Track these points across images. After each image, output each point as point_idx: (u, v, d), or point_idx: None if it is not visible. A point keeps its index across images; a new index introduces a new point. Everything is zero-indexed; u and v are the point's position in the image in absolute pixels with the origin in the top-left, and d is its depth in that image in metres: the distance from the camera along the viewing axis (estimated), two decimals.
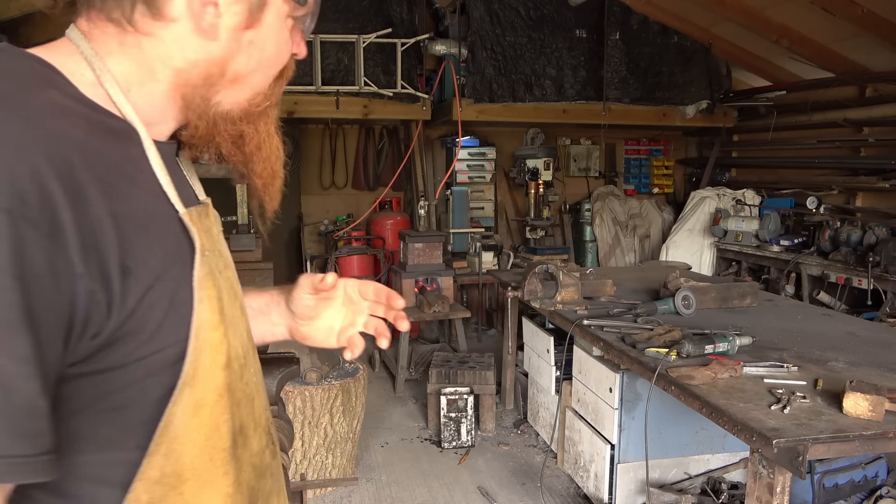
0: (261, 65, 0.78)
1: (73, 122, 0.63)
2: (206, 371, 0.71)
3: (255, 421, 0.81)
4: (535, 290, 3.31)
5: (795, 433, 1.68)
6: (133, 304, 0.63)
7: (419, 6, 5.91)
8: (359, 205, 6.62)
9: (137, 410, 0.67)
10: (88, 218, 0.59)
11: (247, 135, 0.80)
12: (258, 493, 0.81)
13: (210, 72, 0.73)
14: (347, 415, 3.18)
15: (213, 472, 0.72)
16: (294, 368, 1.35)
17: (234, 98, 0.77)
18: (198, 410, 0.70)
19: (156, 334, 0.66)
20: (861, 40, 4.88)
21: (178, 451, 0.68)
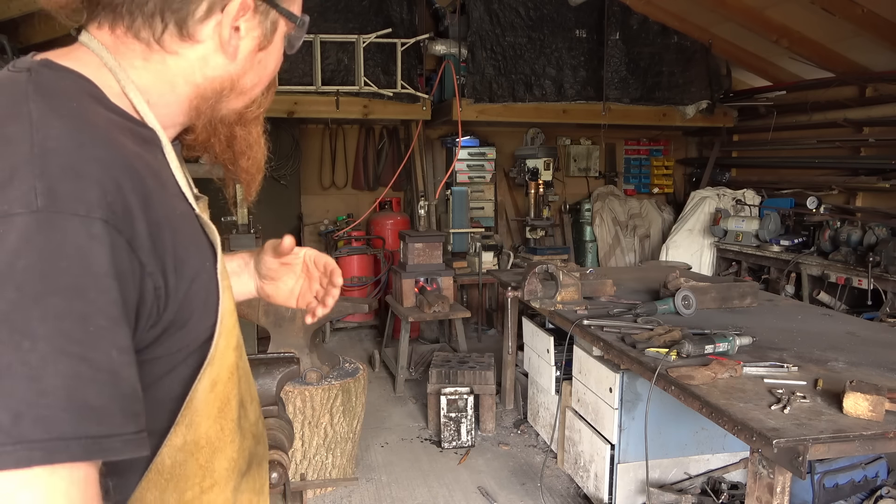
0: (262, 79, 0.87)
1: (126, 136, 0.70)
2: (223, 352, 0.79)
3: (251, 394, 0.91)
4: (535, 290, 3.31)
5: (795, 433, 1.68)
6: (181, 296, 0.72)
7: (419, 6, 5.91)
8: (359, 205, 6.62)
9: (169, 389, 0.76)
10: (153, 223, 0.67)
11: (239, 136, 0.89)
12: (254, 457, 0.92)
13: (223, 86, 0.81)
14: (347, 415, 3.18)
15: (223, 440, 0.82)
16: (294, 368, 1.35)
17: (233, 106, 0.85)
18: (213, 386, 0.79)
19: (196, 323, 0.75)
20: (861, 40, 4.88)
21: (197, 422, 0.77)
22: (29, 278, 0.57)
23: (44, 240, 0.58)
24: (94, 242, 0.60)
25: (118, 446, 0.61)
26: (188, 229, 0.75)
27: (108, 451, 0.60)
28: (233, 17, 0.76)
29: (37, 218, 0.59)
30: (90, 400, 0.59)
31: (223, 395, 0.81)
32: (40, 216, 0.59)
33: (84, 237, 0.60)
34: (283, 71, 5.41)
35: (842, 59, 5.29)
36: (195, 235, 0.77)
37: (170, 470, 0.76)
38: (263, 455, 0.97)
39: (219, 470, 0.82)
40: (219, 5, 0.75)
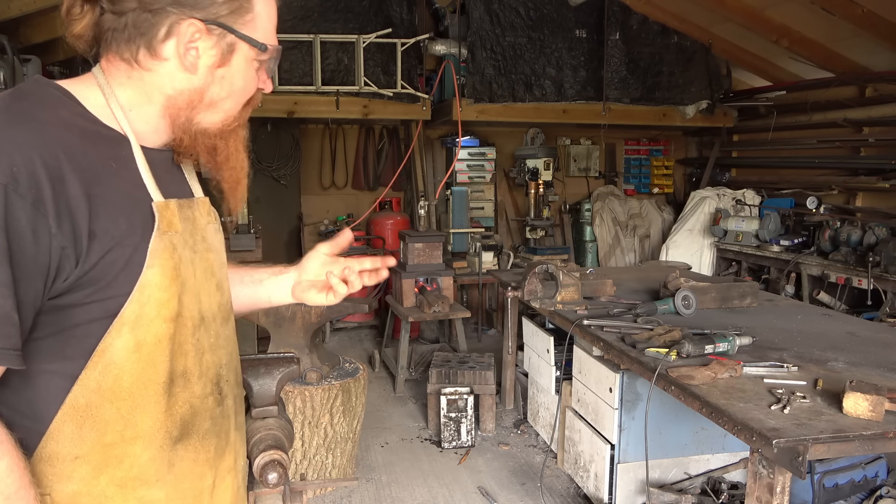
0: (231, 94, 1.03)
1: (68, 131, 0.90)
2: (150, 320, 0.94)
3: (201, 370, 1.03)
4: (535, 290, 3.31)
5: (795, 433, 1.68)
6: (95, 259, 0.88)
7: (419, 6, 5.91)
8: (359, 205, 6.62)
9: (90, 341, 0.91)
10: (67, 195, 0.85)
11: (219, 148, 1.06)
12: (192, 428, 1.03)
13: (192, 98, 1.00)
14: (347, 415, 3.18)
15: (147, 398, 0.96)
16: (294, 368, 1.35)
17: (211, 119, 1.03)
18: (138, 348, 0.94)
19: (111, 284, 0.90)
20: (861, 40, 4.88)
21: (115, 373, 0.92)
22: None
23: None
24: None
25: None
26: (125, 208, 0.92)
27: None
28: (187, 37, 0.95)
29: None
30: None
31: (148, 358, 0.95)
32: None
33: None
34: (284, 71, 5.41)
35: (842, 59, 5.29)
36: (133, 215, 0.93)
37: (85, 409, 0.92)
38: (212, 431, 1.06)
39: (141, 425, 0.96)
40: (175, 28, 0.94)
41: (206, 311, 1.05)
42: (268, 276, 1.33)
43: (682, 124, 6.42)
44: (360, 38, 5.44)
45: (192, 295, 1.00)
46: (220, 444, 1.09)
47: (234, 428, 1.14)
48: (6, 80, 3.46)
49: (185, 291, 0.98)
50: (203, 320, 1.03)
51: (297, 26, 5.45)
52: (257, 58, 1.03)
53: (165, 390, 0.97)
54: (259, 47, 1.02)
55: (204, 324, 1.04)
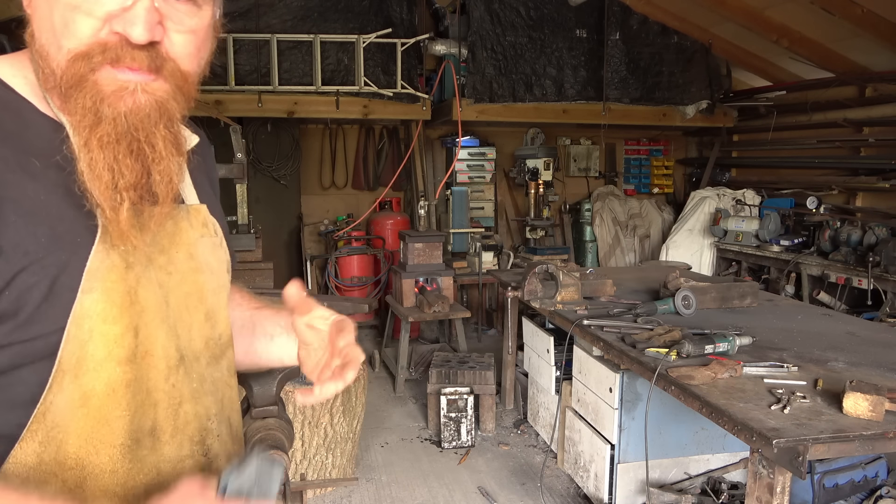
0: (51, 29, 0.75)
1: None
2: (97, 363, 0.71)
3: (175, 426, 0.79)
4: (535, 290, 3.31)
5: (795, 433, 1.68)
6: (1, 284, 0.66)
7: (419, 6, 5.91)
8: (359, 205, 6.62)
9: (25, 389, 0.69)
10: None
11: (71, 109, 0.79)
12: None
13: (29, 43, 0.79)
14: (347, 415, 3.18)
15: (99, 467, 0.73)
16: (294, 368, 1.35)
17: (55, 63, 0.76)
18: (85, 401, 0.71)
19: (34, 318, 0.68)
20: (861, 40, 4.88)
21: (59, 439, 0.70)
22: None
23: None
24: None
25: None
26: (49, 218, 0.70)
27: None
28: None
29: None
30: None
31: (98, 413, 0.72)
32: None
33: None
34: (284, 71, 5.41)
35: (842, 59, 5.29)
36: (61, 226, 0.71)
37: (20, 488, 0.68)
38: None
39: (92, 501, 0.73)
40: None
41: (187, 348, 0.81)
42: (280, 332, 1.03)
43: (682, 124, 6.42)
44: (360, 38, 5.44)
45: (164, 328, 0.78)
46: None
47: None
48: None
49: (147, 323, 0.76)
50: (182, 360, 0.80)
51: (297, 26, 5.45)
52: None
53: (125, 454, 0.74)
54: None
55: (184, 365, 0.80)
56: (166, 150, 0.76)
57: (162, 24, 0.73)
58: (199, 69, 0.81)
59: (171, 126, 0.77)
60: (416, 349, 5.06)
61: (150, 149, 0.75)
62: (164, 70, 0.75)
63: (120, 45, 0.71)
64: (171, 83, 0.75)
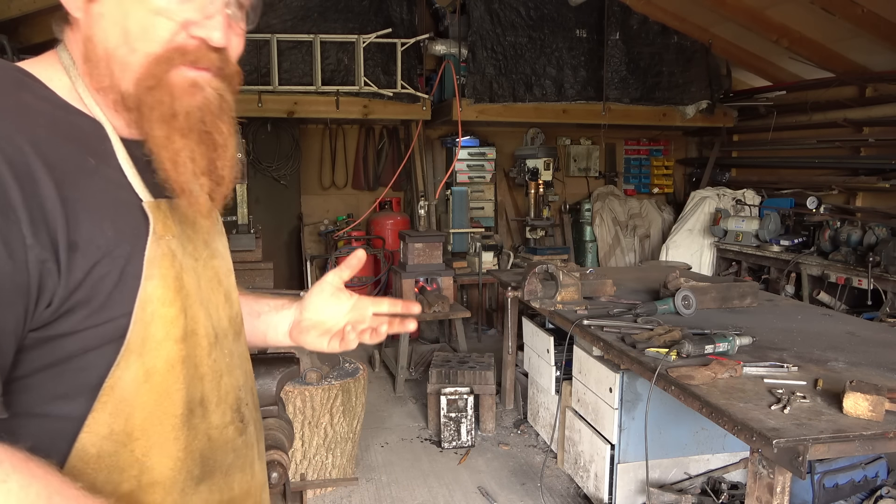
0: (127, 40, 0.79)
1: (35, 121, 0.73)
2: (158, 343, 0.79)
3: (219, 396, 0.89)
4: (535, 290, 3.31)
5: (795, 433, 1.68)
6: (80, 276, 0.72)
7: (419, 6, 5.91)
8: (359, 205, 6.62)
9: (91, 374, 0.76)
10: (40, 198, 0.69)
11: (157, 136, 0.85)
12: (214, 464, 0.88)
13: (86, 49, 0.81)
14: (347, 415, 3.18)
15: (163, 436, 0.81)
16: (294, 368, 1.35)
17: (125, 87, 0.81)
18: (148, 377, 0.79)
19: (106, 304, 0.75)
20: (861, 40, 4.88)
21: (126, 412, 0.77)
22: None
23: None
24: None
25: None
26: (109, 213, 0.76)
27: None
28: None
29: None
30: None
31: (161, 387, 0.80)
32: None
33: None
34: (284, 71, 5.41)
35: (842, 59, 5.29)
36: (121, 218, 0.78)
37: (97, 460, 0.76)
38: (232, 466, 0.91)
39: (159, 468, 0.80)
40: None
41: (218, 326, 0.90)
42: (268, 310, 1.14)
43: (682, 124, 6.42)
44: (360, 38, 5.44)
45: (202, 309, 0.86)
46: (245, 479, 0.94)
47: (258, 458, 0.99)
48: None
49: (191, 305, 0.84)
50: (217, 337, 0.89)
51: (297, 26, 5.45)
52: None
53: (184, 423, 0.82)
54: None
55: (218, 342, 0.89)
56: (229, 140, 0.86)
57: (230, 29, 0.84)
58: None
59: (230, 119, 0.87)
60: (416, 349, 5.06)
61: (218, 138, 0.84)
62: (225, 70, 0.85)
63: (199, 48, 0.81)
64: (227, 81, 0.86)
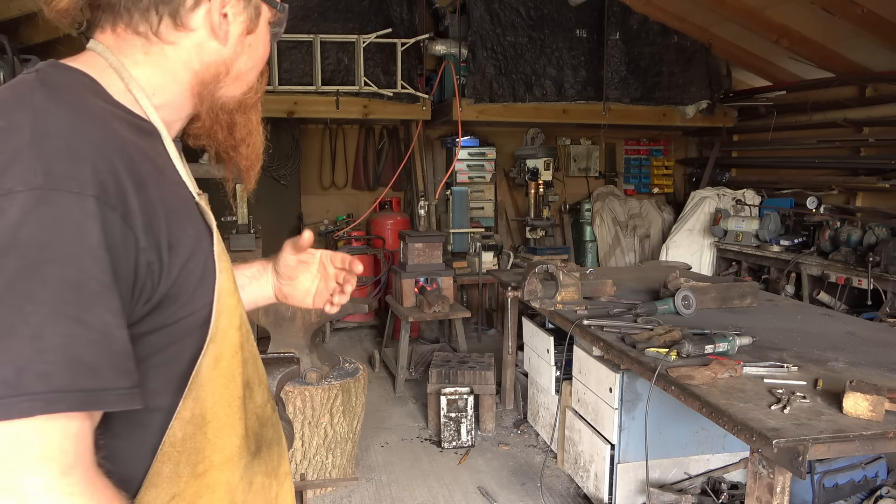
0: (255, 63, 0.94)
1: (123, 125, 0.77)
2: (225, 330, 0.84)
3: (259, 377, 0.96)
4: (535, 290, 3.31)
5: (795, 433, 1.68)
6: (176, 273, 0.77)
7: (419, 6, 5.91)
8: (359, 205, 6.62)
9: (175, 366, 0.81)
10: (147, 202, 0.74)
11: (239, 123, 0.97)
12: (262, 439, 0.95)
13: (219, 71, 0.89)
14: (347, 415, 3.18)
15: (231, 416, 0.86)
16: (294, 368, 1.35)
17: (232, 93, 0.93)
18: (217, 363, 0.84)
19: (191, 298, 0.80)
20: (861, 40, 4.88)
21: (203, 396, 0.82)
22: (30, 248, 0.64)
23: (42, 214, 0.65)
24: (87, 217, 0.67)
25: (111, 399, 0.68)
26: (185, 213, 0.82)
27: (101, 403, 0.67)
28: (220, 3, 0.85)
29: (36, 194, 0.65)
30: (84, 357, 0.65)
31: (227, 372, 0.85)
32: (39, 193, 0.65)
33: (78, 212, 0.66)
34: (284, 71, 5.41)
35: (842, 59, 5.29)
36: (193, 219, 0.83)
37: (181, 443, 0.81)
38: (272, 440, 0.99)
39: (229, 446, 0.86)
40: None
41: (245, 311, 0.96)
42: (247, 282, 1.23)
43: (682, 124, 6.42)
44: (360, 38, 5.44)
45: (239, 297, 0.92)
46: (280, 451, 1.03)
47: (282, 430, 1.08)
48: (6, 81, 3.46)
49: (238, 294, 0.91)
50: (247, 322, 0.95)
51: (297, 26, 5.45)
52: (272, 20, 0.95)
53: (243, 404, 0.88)
54: (277, 7, 0.94)
55: (249, 326, 0.95)
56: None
57: None
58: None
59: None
60: (416, 349, 5.06)
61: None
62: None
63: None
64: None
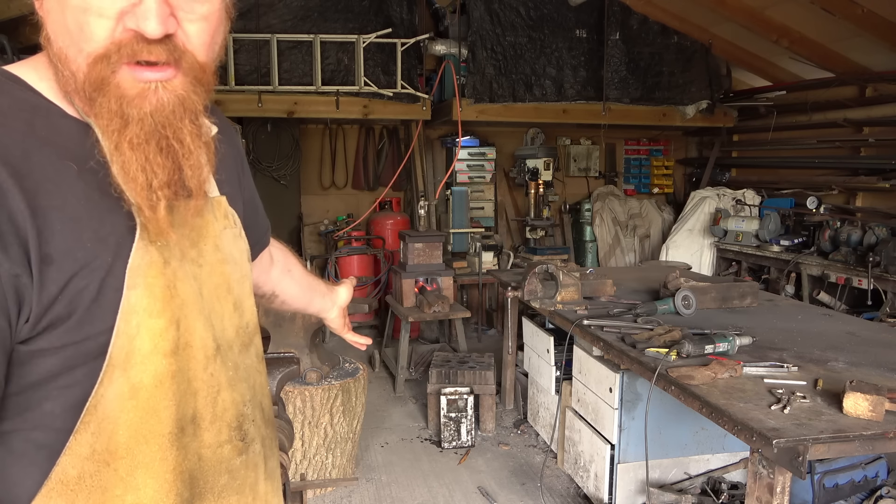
0: (70, 38, 0.73)
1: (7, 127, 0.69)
2: (144, 356, 0.73)
3: (215, 413, 0.82)
4: (535, 290, 3.31)
5: (795, 433, 1.68)
6: (55, 290, 0.68)
7: (419, 6, 5.91)
8: (359, 205, 6.62)
9: (80, 390, 0.71)
10: (8, 211, 0.65)
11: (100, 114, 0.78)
12: (205, 486, 0.82)
13: (50, 52, 0.76)
14: (347, 415, 3.18)
15: (148, 455, 0.75)
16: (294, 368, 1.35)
17: (75, 69, 0.75)
18: (134, 393, 0.73)
19: (84, 320, 0.70)
20: (861, 40, 4.88)
21: (109, 430, 0.72)
22: None
23: None
24: None
25: None
26: (93, 222, 0.71)
27: None
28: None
29: None
30: None
31: (148, 404, 0.74)
32: None
33: None
34: (284, 71, 5.41)
35: (842, 59, 5.29)
36: (103, 228, 0.72)
37: (77, 481, 0.72)
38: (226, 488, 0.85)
39: (144, 489, 0.75)
40: None
41: (221, 338, 0.84)
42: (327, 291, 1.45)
43: (682, 124, 6.42)
44: (360, 38, 5.44)
45: (200, 319, 0.80)
46: (243, 501, 0.88)
47: (265, 478, 0.92)
48: None
49: (186, 315, 0.78)
50: (218, 349, 0.83)
51: (297, 26, 5.45)
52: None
53: (173, 442, 0.77)
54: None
55: (220, 354, 0.83)
56: (194, 145, 0.77)
57: (174, 16, 0.73)
58: (215, 56, 0.81)
59: (196, 119, 0.77)
60: (416, 349, 5.06)
61: (179, 144, 0.76)
62: (182, 63, 0.75)
63: (135, 40, 0.71)
64: (189, 76, 0.76)
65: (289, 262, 1.36)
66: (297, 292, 1.38)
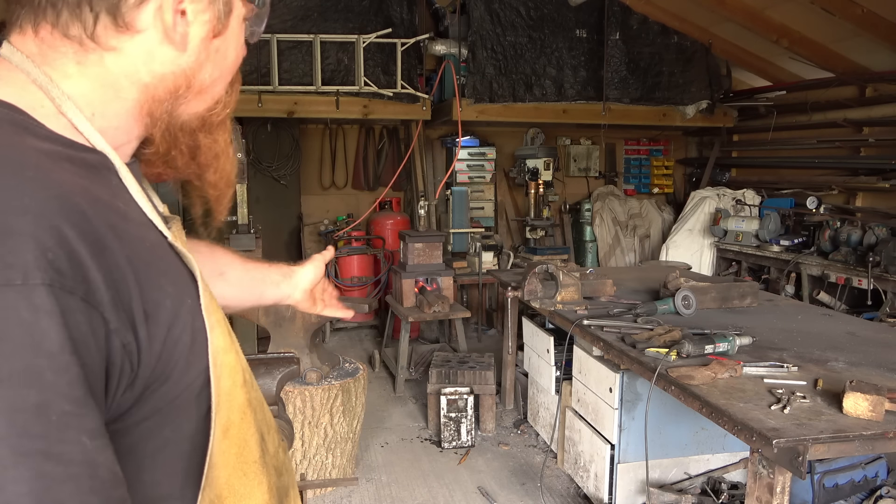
0: (223, 73, 0.73)
1: (64, 168, 0.58)
2: (228, 393, 0.70)
3: (268, 424, 0.81)
4: (535, 290, 3.31)
5: (795, 433, 1.68)
6: (159, 348, 0.61)
7: (419, 6, 5.91)
8: (359, 205, 6.62)
9: (174, 447, 0.66)
10: (112, 268, 0.56)
11: (203, 145, 0.76)
12: (283, 490, 0.83)
13: (177, 84, 0.68)
14: (347, 415, 3.18)
15: (248, 486, 0.73)
16: (294, 368, 1.35)
17: (194, 109, 0.73)
18: (226, 432, 0.69)
19: (185, 371, 0.64)
20: (861, 40, 4.88)
21: (214, 475, 0.68)
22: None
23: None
24: (40, 315, 0.50)
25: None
26: (160, 263, 0.64)
27: None
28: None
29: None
30: (65, 501, 0.49)
31: (239, 438, 0.72)
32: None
33: (27, 311, 0.49)
34: (284, 71, 5.41)
35: (842, 59, 5.29)
36: (170, 268, 0.65)
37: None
38: (288, 485, 0.87)
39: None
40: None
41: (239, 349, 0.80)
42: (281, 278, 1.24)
43: (682, 124, 6.42)
44: (360, 38, 5.44)
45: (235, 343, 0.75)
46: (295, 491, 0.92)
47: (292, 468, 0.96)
48: None
49: (234, 340, 0.74)
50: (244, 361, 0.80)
51: (297, 26, 5.45)
52: (248, 16, 0.74)
53: (262, 466, 0.75)
54: (255, 2, 0.74)
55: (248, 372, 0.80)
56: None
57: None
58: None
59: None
60: (416, 349, 5.06)
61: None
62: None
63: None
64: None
65: (218, 264, 1.11)
66: (237, 293, 1.17)
